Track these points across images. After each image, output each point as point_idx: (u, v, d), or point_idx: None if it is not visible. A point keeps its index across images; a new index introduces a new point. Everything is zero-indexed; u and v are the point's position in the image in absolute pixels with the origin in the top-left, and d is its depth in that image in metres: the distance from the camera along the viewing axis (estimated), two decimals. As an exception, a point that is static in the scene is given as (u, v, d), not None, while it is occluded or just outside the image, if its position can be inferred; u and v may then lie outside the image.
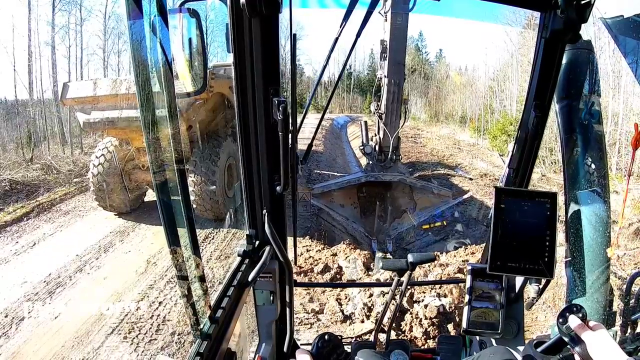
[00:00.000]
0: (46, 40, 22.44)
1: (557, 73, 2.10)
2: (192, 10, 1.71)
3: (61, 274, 8.36)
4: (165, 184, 1.31)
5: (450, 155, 22.92)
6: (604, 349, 1.26)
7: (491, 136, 23.44)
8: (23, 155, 17.51)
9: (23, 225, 11.15)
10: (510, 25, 22.33)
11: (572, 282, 2.37)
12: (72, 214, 12.16)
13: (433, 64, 48.89)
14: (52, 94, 21.63)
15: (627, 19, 2.06)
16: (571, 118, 2.30)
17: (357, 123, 40.35)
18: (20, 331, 6.61)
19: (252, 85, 1.80)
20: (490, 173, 17.89)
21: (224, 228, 10.74)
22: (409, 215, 11.07)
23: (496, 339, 2.42)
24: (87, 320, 6.81)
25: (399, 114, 10.57)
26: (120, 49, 27.26)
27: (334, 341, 2.02)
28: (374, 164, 11.04)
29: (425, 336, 6.18)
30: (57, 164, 16.73)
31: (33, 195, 13.44)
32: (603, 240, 2.29)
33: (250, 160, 1.99)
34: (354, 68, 51.58)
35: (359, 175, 11.18)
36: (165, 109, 1.27)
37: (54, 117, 21.33)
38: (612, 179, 13.02)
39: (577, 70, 2.24)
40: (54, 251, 9.48)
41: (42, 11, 24.11)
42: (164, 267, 8.67)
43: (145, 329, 6.63)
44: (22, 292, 7.69)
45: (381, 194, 11.03)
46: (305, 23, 44.86)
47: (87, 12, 26.12)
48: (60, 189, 14.19)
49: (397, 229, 11.01)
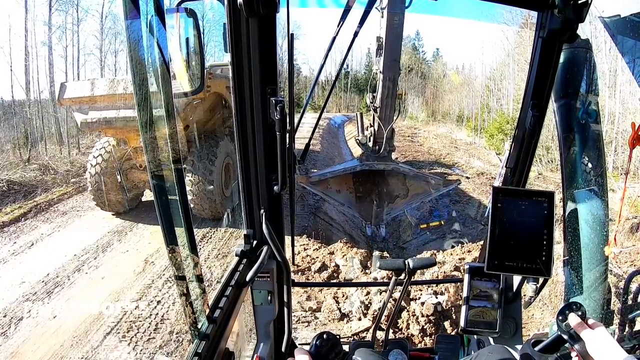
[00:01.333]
0: (43, 40, 22.45)
1: (555, 72, 2.11)
2: (190, 10, 1.71)
3: (59, 274, 8.35)
4: (163, 183, 1.31)
5: (448, 154, 22.97)
6: (603, 347, 1.27)
7: (488, 135, 23.48)
8: (20, 155, 17.50)
9: (21, 225, 11.13)
10: (507, 24, 22.41)
11: (570, 280, 2.38)
12: (69, 214, 12.14)
13: (430, 63, 48.99)
14: (49, 94, 21.66)
15: (625, 18, 2.06)
16: (568, 117, 2.30)
17: (354, 122, 40.45)
18: (19, 331, 6.60)
19: (249, 84, 1.80)
20: (487, 172, 17.93)
21: (222, 227, 10.74)
22: (401, 200, 11.37)
23: (494, 338, 2.43)
24: (85, 320, 6.81)
25: (394, 108, 10.74)
26: (117, 48, 27.29)
27: (333, 340, 2.02)
28: (369, 154, 11.31)
29: (422, 334, 6.21)
30: (54, 164, 16.70)
31: (31, 195, 13.42)
32: (600, 239, 2.29)
33: (247, 160, 1.99)
34: (351, 67, 51.59)
35: (355, 164, 11.45)
36: (162, 108, 1.27)
37: (51, 117, 21.29)
38: (608, 177, 13.05)
39: (575, 69, 2.24)
40: (52, 251, 9.46)
41: (39, 11, 24.09)
42: (162, 266, 8.67)
43: (144, 328, 6.64)
44: (21, 292, 7.67)
45: (375, 180, 11.35)
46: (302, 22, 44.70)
47: (84, 12, 25.98)
48: (58, 189, 14.17)
49: (390, 214, 11.44)
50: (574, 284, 2.36)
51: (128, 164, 11.34)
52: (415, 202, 11.38)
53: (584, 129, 2.30)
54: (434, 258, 3.30)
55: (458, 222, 11.69)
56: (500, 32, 26.29)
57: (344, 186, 11.51)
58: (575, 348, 1.35)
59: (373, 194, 11.48)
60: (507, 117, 22.46)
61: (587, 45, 2.23)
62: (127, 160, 11.32)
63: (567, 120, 2.31)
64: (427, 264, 2.47)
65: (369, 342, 2.74)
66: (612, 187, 12.19)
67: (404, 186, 11.39)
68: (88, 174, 10.98)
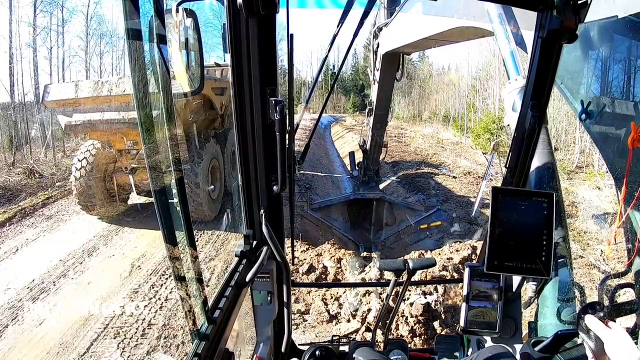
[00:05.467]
0: (27, 41, 22.07)
1: (554, 72, 2.12)
2: (189, 10, 1.70)
3: (45, 280, 8.22)
4: (163, 184, 1.31)
5: (434, 153, 23.10)
6: (622, 347, 1.29)
7: (474, 135, 23.65)
8: (5, 159, 17.21)
9: (5, 230, 10.92)
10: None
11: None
12: (55, 218, 11.95)
13: (416, 64, 49.22)
14: (33, 97, 21.29)
15: (623, 19, 2.10)
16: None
17: (340, 123, 40.50)
18: (5, 338, 6.49)
19: (249, 85, 1.80)
20: (473, 171, 18.06)
21: (208, 230, 10.68)
22: (389, 227, 12.95)
23: (494, 338, 2.45)
24: (72, 325, 6.72)
25: (380, 151, 13.04)
26: (102, 50, 26.99)
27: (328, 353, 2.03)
28: (360, 185, 13.29)
29: (412, 334, 6.22)
30: (39, 168, 16.43)
31: (15, 199, 13.20)
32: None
33: (247, 160, 1.99)
34: (337, 68, 51.60)
35: (349, 194, 13.72)
36: (162, 109, 1.27)
37: (36, 120, 20.97)
38: (594, 176, 13.30)
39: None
40: (37, 256, 9.31)
41: (23, 12, 23.60)
42: (148, 270, 8.59)
43: (131, 333, 6.57)
44: (6, 299, 7.53)
45: (367, 209, 13.00)
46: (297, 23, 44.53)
47: (69, 13, 25.70)
48: (43, 193, 13.93)
49: (380, 238, 12.85)
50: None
51: (113, 167, 11.23)
52: (401, 227, 12.74)
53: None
54: (434, 258, 3.31)
55: (458, 222, 12.00)
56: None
57: (340, 214, 13.20)
58: (593, 347, 1.37)
59: (365, 221, 13.12)
60: (493, 116, 22.64)
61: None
62: (113, 163, 11.21)
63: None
64: (426, 265, 2.48)
65: (369, 342, 2.75)
66: (598, 184, 12.44)
67: (391, 214, 13.02)
68: (73, 177, 10.80)
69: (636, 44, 2.32)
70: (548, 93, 2.18)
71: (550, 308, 2.38)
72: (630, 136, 2.14)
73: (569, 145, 18.39)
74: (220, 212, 11.60)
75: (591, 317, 1.39)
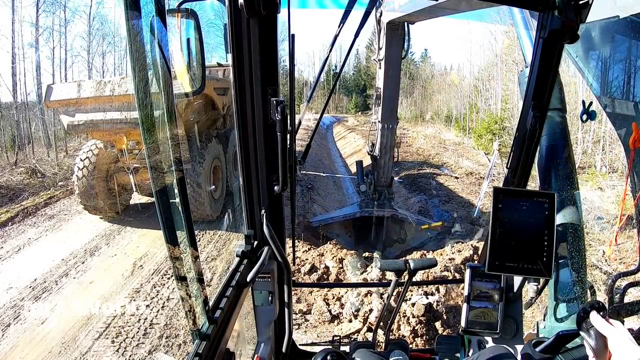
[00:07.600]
0: (30, 41, 22.06)
1: (556, 72, 2.11)
2: (191, 10, 1.71)
3: (47, 279, 8.24)
4: (164, 184, 1.31)
5: (436, 154, 23.08)
6: (624, 345, 1.28)
7: (476, 135, 23.60)
8: (7, 158, 17.26)
9: (8, 230, 10.96)
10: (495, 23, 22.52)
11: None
12: (57, 217, 11.99)
13: (418, 64, 49.23)
14: (36, 97, 21.32)
15: (624, 19, 2.09)
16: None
17: (342, 123, 40.50)
18: (7, 337, 6.50)
19: (250, 85, 1.80)
20: (475, 172, 18.02)
21: (210, 230, 10.68)
22: (399, 245, 11.54)
23: (495, 339, 2.45)
24: (74, 325, 6.73)
25: (392, 157, 11.16)
26: (105, 50, 26.98)
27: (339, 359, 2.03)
28: (368, 201, 11.51)
29: (413, 334, 6.21)
30: (41, 168, 16.46)
31: (18, 199, 13.24)
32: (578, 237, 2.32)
33: (248, 161, 1.99)
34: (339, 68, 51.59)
35: (355, 211, 11.73)
36: (164, 109, 1.27)
37: (38, 120, 21.00)
38: (596, 176, 13.26)
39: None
40: (40, 256, 9.35)
41: (25, 12, 23.60)
42: (150, 270, 8.61)
43: (133, 332, 6.58)
44: (8, 298, 7.56)
45: (375, 226, 11.45)
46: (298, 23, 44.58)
47: (72, 13, 25.69)
48: (45, 193, 13.97)
49: (388, 257, 11.32)
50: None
51: (115, 166, 11.22)
52: (413, 245, 11.41)
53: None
54: (435, 259, 3.31)
55: (459, 223, 11.83)
56: (488, 33, 26.46)
57: (344, 230, 11.84)
58: (594, 346, 1.36)
59: (372, 238, 11.58)
60: (495, 117, 22.60)
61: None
62: (115, 163, 11.22)
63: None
64: (428, 265, 2.48)
65: (370, 342, 2.75)
66: (600, 185, 12.38)
67: (402, 230, 11.59)
68: (75, 177, 10.81)
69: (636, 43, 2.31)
70: (549, 93, 2.17)
71: (551, 308, 2.37)
72: (631, 136, 2.14)
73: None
74: (222, 212, 11.58)
75: (594, 314, 1.38)
